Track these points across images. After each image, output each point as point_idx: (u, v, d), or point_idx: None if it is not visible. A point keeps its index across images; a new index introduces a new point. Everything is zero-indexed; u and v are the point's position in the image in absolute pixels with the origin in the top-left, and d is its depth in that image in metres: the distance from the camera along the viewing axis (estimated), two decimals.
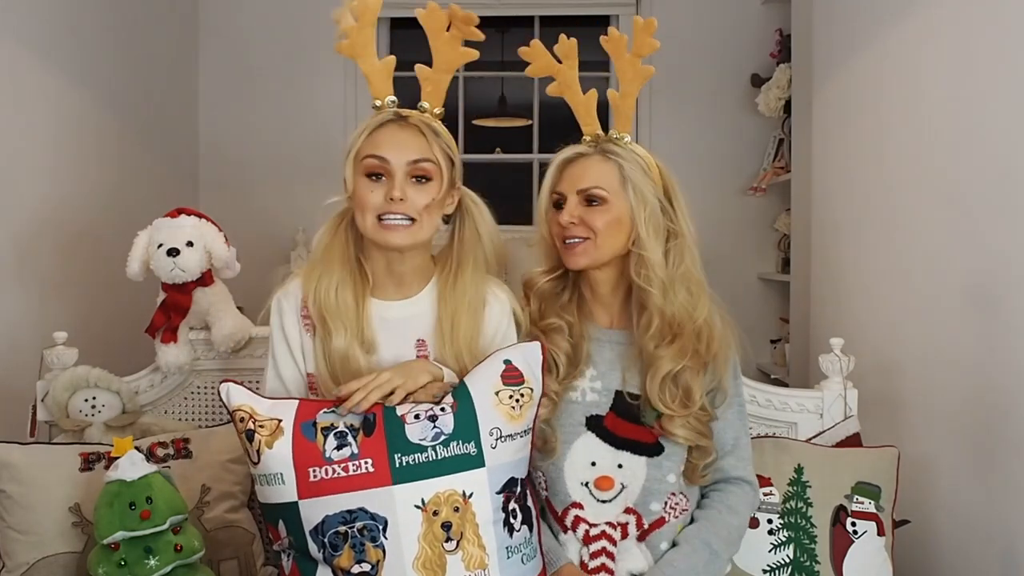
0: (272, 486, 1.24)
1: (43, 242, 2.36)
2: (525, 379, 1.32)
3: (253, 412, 1.27)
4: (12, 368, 2.14)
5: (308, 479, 1.21)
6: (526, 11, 3.73)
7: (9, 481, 1.50)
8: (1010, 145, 1.68)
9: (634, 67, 1.49)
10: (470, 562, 1.22)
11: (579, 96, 1.49)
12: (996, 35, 1.75)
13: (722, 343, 1.42)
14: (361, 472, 1.21)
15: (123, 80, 2.89)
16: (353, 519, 1.20)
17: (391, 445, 1.23)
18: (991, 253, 1.75)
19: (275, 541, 1.30)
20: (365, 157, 1.34)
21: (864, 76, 2.40)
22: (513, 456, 1.29)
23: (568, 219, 1.39)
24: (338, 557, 1.20)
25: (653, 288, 1.39)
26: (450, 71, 1.43)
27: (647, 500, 1.37)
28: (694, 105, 3.50)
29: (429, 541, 1.20)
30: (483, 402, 1.29)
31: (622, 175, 1.40)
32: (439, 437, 1.24)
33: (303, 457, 1.22)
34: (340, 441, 1.23)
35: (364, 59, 1.40)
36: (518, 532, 1.28)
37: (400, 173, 1.33)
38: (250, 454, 1.26)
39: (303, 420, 1.26)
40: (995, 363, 1.73)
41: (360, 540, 1.19)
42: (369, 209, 1.34)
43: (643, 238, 1.39)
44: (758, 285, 3.66)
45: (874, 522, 1.55)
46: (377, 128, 1.36)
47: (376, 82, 1.41)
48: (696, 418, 1.38)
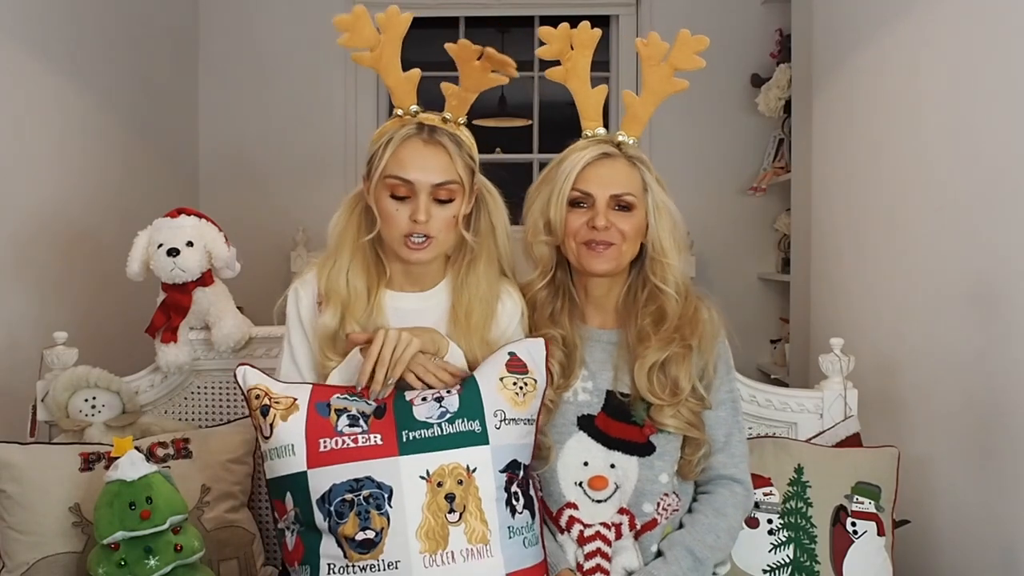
0: (282, 458, 1.27)
1: (43, 242, 2.36)
2: (529, 370, 1.36)
3: (268, 391, 1.32)
4: (12, 368, 2.14)
5: (318, 449, 1.25)
6: (526, 11, 3.73)
7: (9, 481, 1.50)
8: (1010, 145, 1.68)
9: (667, 77, 1.45)
10: (472, 535, 1.24)
11: (588, 88, 1.47)
12: (995, 35, 1.75)
13: (706, 326, 1.43)
14: (369, 444, 1.25)
15: (123, 80, 2.89)
16: (360, 487, 1.23)
17: (399, 424, 1.28)
18: (991, 253, 1.75)
19: (280, 517, 1.32)
20: (389, 176, 1.37)
21: (864, 76, 2.40)
22: (517, 440, 1.32)
23: (604, 223, 1.38)
24: (343, 525, 1.23)
25: (672, 291, 1.41)
26: (476, 92, 1.46)
27: (640, 501, 1.37)
28: (694, 105, 3.49)
29: (433, 511, 1.23)
30: (488, 386, 1.33)
31: (644, 182, 1.42)
32: (445, 415, 1.28)
33: (315, 430, 1.27)
34: (352, 421, 1.28)
35: (389, 72, 1.42)
36: (520, 515, 1.30)
37: (424, 194, 1.36)
38: (262, 429, 1.29)
39: (318, 400, 1.30)
40: (995, 363, 1.73)
41: (366, 508, 1.23)
42: (395, 227, 1.37)
43: (666, 247, 1.41)
44: (758, 285, 3.66)
45: (874, 522, 1.55)
46: (402, 144, 1.37)
47: (400, 94, 1.43)
48: (688, 408, 1.38)
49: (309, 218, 3.47)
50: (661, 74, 1.46)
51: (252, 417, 1.32)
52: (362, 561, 1.22)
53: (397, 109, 1.42)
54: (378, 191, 1.38)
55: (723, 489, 1.44)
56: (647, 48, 1.46)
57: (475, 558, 1.23)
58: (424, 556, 1.21)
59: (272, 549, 1.71)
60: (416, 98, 1.43)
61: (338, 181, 3.60)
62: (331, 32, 1.41)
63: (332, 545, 1.24)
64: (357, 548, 1.22)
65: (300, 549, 1.27)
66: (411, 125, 1.39)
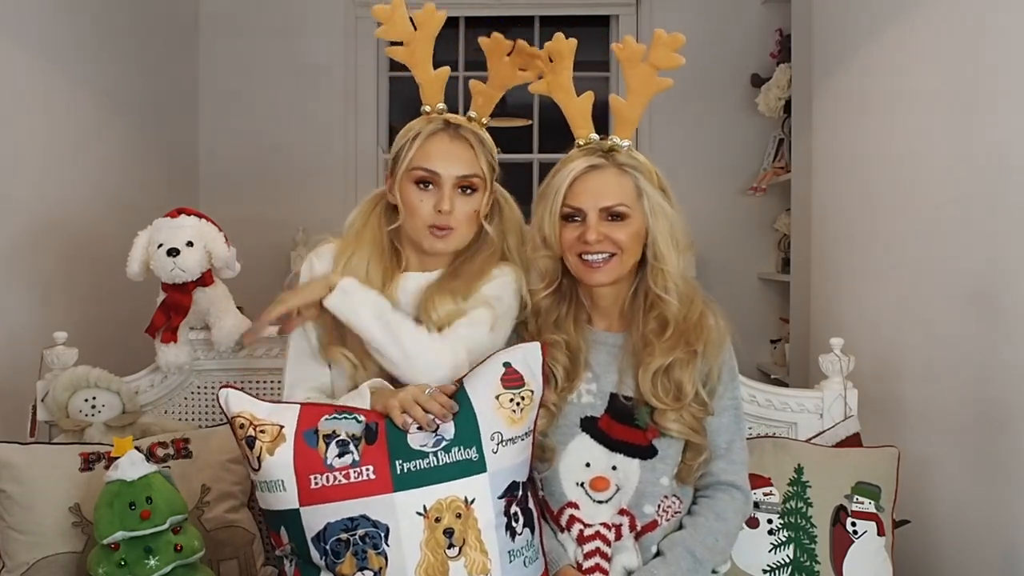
0: (273, 493, 1.24)
1: (43, 242, 2.36)
2: (526, 382, 1.32)
3: (253, 418, 1.27)
4: (12, 368, 2.14)
5: (309, 486, 1.21)
6: (526, 11, 3.73)
7: (9, 481, 1.50)
8: (1010, 144, 1.68)
9: (649, 78, 1.45)
10: (472, 567, 1.22)
11: (572, 99, 1.46)
12: (995, 34, 1.75)
13: (712, 332, 1.42)
14: (362, 479, 1.21)
15: (123, 80, 2.89)
16: (355, 526, 1.20)
17: (392, 452, 1.23)
18: (991, 253, 1.75)
19: (278, 547, 1.30)
20: (415, 168, 1.40)
21: (864, 76, 2.39)
22: (514, 460, 1.30)
23: (596, 237, 1.37)
24: (340, 564, 1.20)
25: (672, 298, 1.40)
26: (503, 89, 1.49)
27: (641, 502, 1.37)
28: (694, 105, 3.49)
29: (431, 548, 1.20)
30: (484, 407, 1.28)
31: (638, 188, 1.40)
32: (440, 443, 1.24)
33: (304, 464, 1.22)
34: (342, 449, 1.23)
35: (421, 69, 1.45)
36: (520, 536, 1.28)
37: (448, 186, 1.39)
38: (251, 461, 1.26)
39: (305, 428, 1.25)
40: (995, 363, 1.73)
41: (362, 547, 1.20)
42: (419, 217, 1.40)
43: (663, 252, 1.39)
44: (758, 285, 3.65)
45: (874, 522, 1.55)
46: (428, 138, 1.41)
47: (429, 91, 1.46)
48: (691, 413, 1.38)
49: (309, 218, 3.47)
50: (642, 75, 1.45)
51: (239, 447, 1.28)
52: None
53: (425, 106, 1.46)
54: (403, 183, 1.41)
55: (723, 495, 1.44)
56: (623, 51, 1.45)
57: None
58: None
59: (272, 549, 1.70)
60: (443, 96, 1.46)
61: (338, 181, 3.60)
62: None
63: None
64: None
65: None
66: (438, 121, 1.43)
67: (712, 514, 1.41)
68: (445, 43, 1.47)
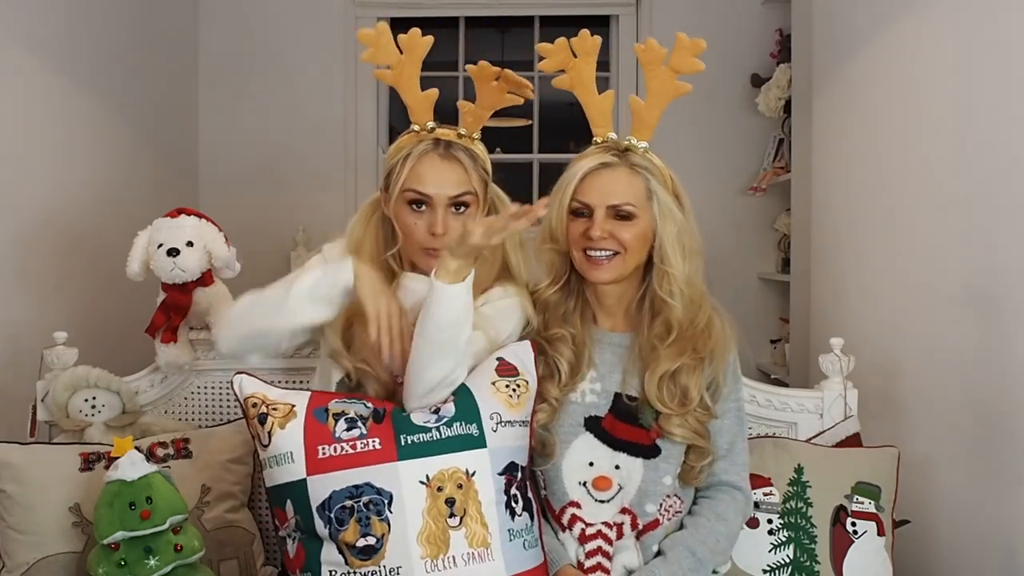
0: (281, 466, 1.28)
1: (43, 242, 2.36)
2: (519, 372, 1.37)
3: (265, 398, 1.33)
4: (12, 368, 2.14)
5: (317, 456, 1.26)
6: (526, 11, 3.73)
7: (9, 481, 1.50)
8: (1010, 145, 1.68)
9: (669, 81, 1.45)
10: (473, 539, 1.25)
11: (594, 96, 1.47)
12: (995, 34, 1.75)
13: (719, 338, 1.43)
14: (368, 449, 1.26)
15: (124, 80, 2.89)
16: (359, 493, 1.24)
17: (397, 428, 1.29)
18: (991, 253, 1.75)
19: (281, 525, 1.32)
20: (408, 190, 1.41)
21: (864, 76, 2.40)
22: (513, 442, 1.33)
23: (600, 234, 1.37)
24: (344, 532, 1.23)
25: (677, 302, 1.40)
26: (491, 110, 1.50)
27: (643, 501, 1.38)
28: (694, 105, 3.48)
29: (433, 516, 1.24)
30: (481, 391, 1.34)
31: (649, 189, 1.41)
32: (442, 419, 1.30)
33: (313, 436, 1.27)
34: (350, 424, 1.28)
35: (409, 91, 1.46)
36: (519, 517, 1.31)
37: (441, 207, 1.40)
38: (261, 437, 1.30)
39: (316, 406, 1.31)
40: (995, 363, 1.73)
41: (366, 514, 1.23)
42: (414, 239, 1.43)
43: (669, 255, 1.40)
44: (758, 285, 3.65)
45: (874, 522, 1.55)
46: (419, 159, 1.41)
47: (418, 111, 1.47)
48: (695, 417, 1.38)
49: (309, 218, 3.47)
50: (663, 78, 1.45)
51: (250, 426, 1.33)
52: (363, 567, 1.22)
53: (414, 125, 1.46)
54: (397, 205, 1.43)
55: (724, 495, 1.44)
56: (646, 53, 1.45)
57: (476, 562, 1.24)
58: (425, 561, 1.21)
59: (272, 549, 1.71)
60: (433, 115, 1.47)
61: (338, 181, 3.60)
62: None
63: (333, 552, 1.24)
64: (358, 555, 1.22)
65: (302, 556, 1.28)
66: (428, 141, 1.43)
67: (713, 514, 1.41)
68: (445, 43, 1.48)
